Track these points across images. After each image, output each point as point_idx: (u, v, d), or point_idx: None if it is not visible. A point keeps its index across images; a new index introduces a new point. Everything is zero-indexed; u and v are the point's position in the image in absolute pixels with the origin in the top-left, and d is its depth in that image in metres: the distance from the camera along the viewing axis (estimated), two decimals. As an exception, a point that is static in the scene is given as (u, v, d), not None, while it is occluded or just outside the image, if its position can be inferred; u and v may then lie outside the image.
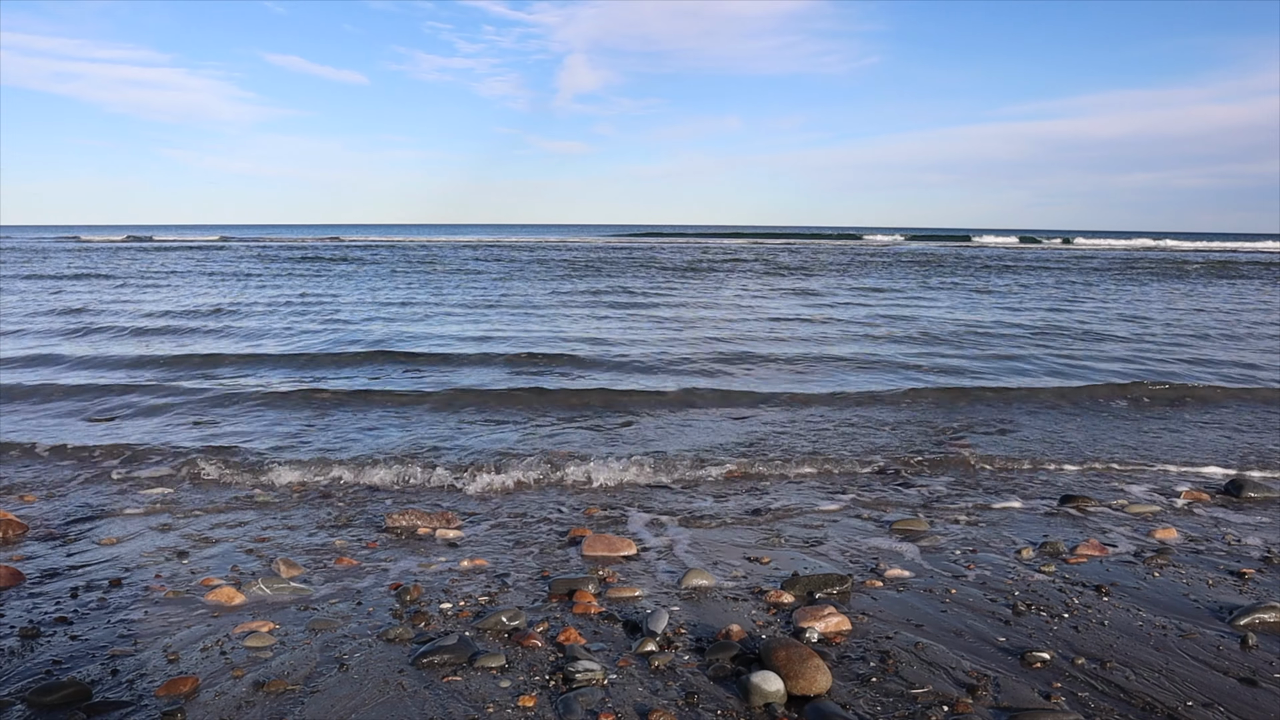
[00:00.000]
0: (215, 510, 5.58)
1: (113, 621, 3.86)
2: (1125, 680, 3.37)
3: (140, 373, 10.75)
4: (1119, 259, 47.25)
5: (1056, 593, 4.25)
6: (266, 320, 16.09)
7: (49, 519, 5.36)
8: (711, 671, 3.42)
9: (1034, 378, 10.72)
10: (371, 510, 5.59)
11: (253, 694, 3.23)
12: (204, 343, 13.28)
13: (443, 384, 9.86)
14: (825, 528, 5.26)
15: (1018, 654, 3.57)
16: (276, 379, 10.28)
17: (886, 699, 3.22)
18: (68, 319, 15.82)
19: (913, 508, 5.68)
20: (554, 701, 3.18)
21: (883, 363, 11.72)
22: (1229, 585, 4.36)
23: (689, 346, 12.96)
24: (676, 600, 4.14)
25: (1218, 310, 19.57)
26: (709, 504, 5.77)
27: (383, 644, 3.66)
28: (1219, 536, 5.11)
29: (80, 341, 13.27)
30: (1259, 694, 3.27)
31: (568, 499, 5.89)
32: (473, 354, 12.07)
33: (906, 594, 4.23)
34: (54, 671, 3.39)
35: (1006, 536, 5.10)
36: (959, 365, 11.59)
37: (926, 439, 7.64)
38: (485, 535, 5.12)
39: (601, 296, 21.44)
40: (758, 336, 14.25)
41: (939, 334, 14.62)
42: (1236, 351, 13.06)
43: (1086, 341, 14.01)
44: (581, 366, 11.28)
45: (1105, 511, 5.60)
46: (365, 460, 6.65)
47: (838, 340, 13.93)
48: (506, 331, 14.57)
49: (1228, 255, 55.18)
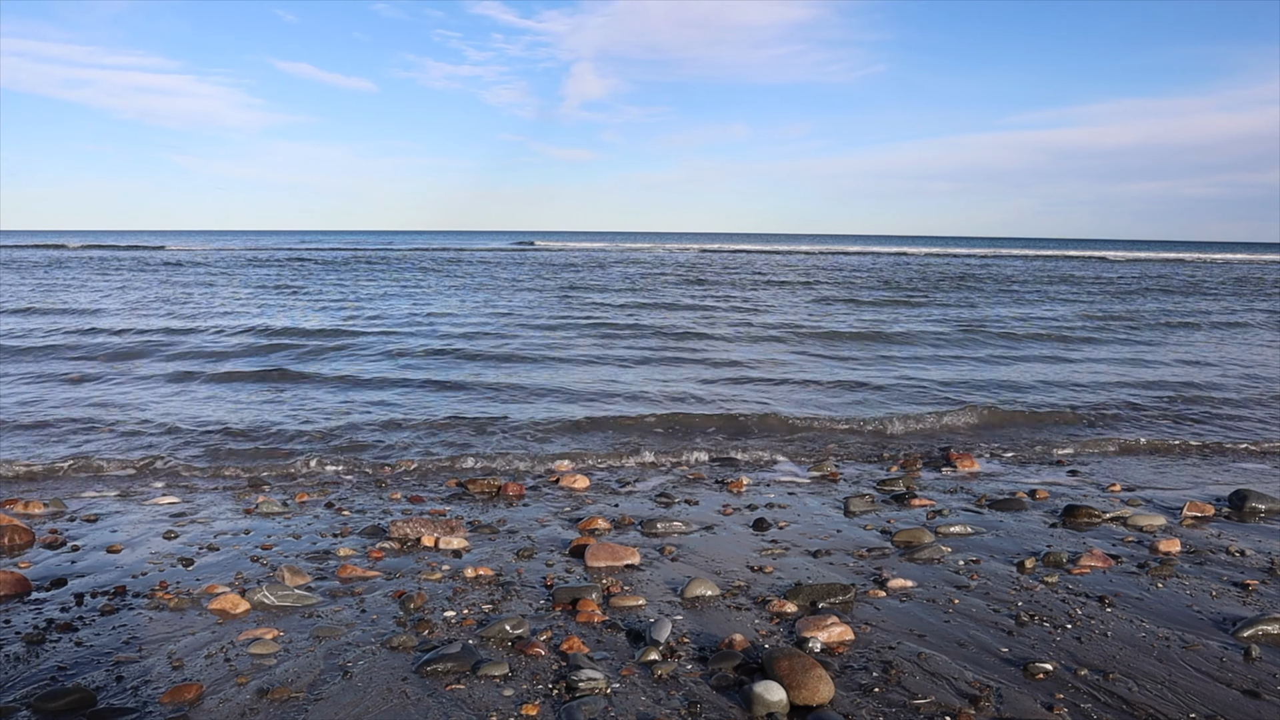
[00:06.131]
0: (221, 517, 5.60)
1: (117, 628, 3.87)
2: (1128, 691, 3.36)
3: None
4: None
5: (1059, 603, 4.24)
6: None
7: (55, 525, 5.39)
8: (714, 681, 3.42)
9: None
10: (376, 518, 5.60)
11: (257, 701, 3.25)
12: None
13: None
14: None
15: (1020, 665, 3.57)
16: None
17: (889, 709, 3.22)
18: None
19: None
20: (557, 710, 3.19)
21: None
22: (1232, 597, 4.35)
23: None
24: (680, 609, 4.15)
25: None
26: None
27: (386, 652, 3.67)
28: (1223, 548, 5.10)
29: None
30: (1262, 706, 3.26)
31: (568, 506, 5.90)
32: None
33: (910, 604, 4.23)
34: (59, 678, 3.41)
35: (1008, 548, 5.10)
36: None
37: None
38: (490, 544, 5.13)
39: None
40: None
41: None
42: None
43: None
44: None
45: (1108, 524, 5.60)
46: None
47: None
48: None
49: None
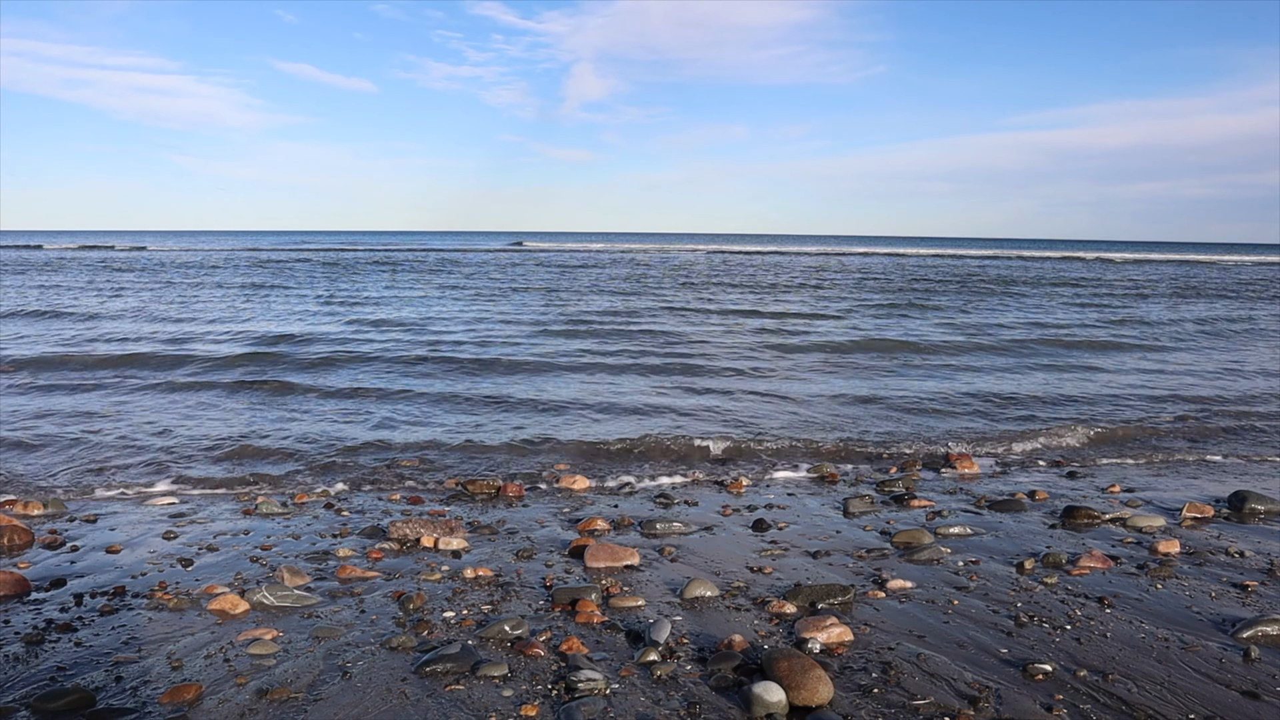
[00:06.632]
0: (220, 518, 5.60)
1: (116, 628, 3.87)
2: (1127, 692, 3.36)
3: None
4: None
5: (1059, 604, 4.24)
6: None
7: (55, 526, 5.39)
8: (714, 681, 3.42)
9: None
10: (376, 519, 5.60)
11: (256, 701, 3.24)
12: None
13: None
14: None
15: (1020, 666, 3.57)
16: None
17: (888, 710, 3.22)
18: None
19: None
20: (556, 711, 3.19)
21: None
22: (1232, 598, 4.35)
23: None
24: (679, 610, 4.15)
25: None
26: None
27: (386, 652, 3.67)
28: (1222, 549, 5.10)
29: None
30: (1261, 707, 3.26)
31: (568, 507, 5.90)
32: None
33: (909, 605, 4.23)
34: (58, 678, 3.41)
35: (1007, 549, 5.10)
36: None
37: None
38: (489, 544, 5.13)
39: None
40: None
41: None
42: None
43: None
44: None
45: (1107, 525, 5.60)
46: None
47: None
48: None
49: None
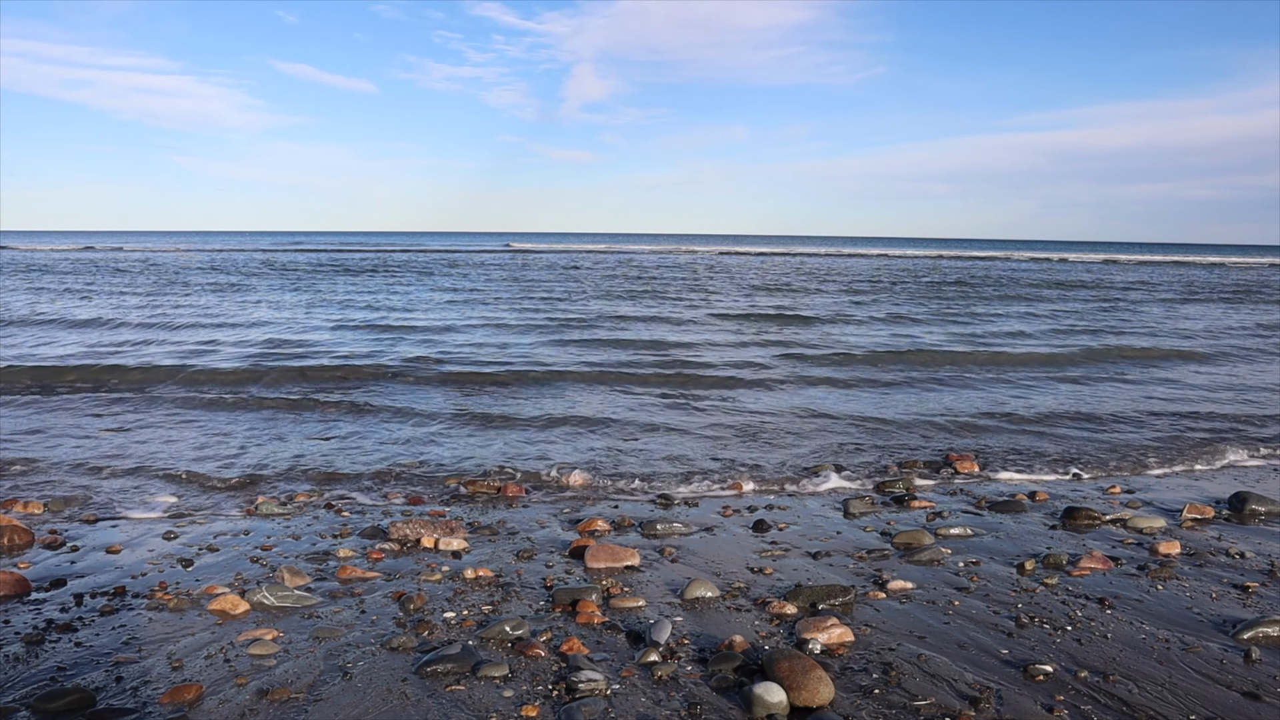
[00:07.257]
0: (219, 517, 5.59)
1: (117, 628, 3.87)
2: (1128, 693, 3.36)
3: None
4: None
5: (1059, 605, 4.24)
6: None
7: (55, 526, 5.38)
8: (714, 682, 3.42)
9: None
10: (376, 519, 5.59)
11: (256, 702, 3.24)
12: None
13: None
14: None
15: (1020, 666, 3.57)
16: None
17: (889, 710, 3.22)
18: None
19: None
20: (557, 711, 3.19)
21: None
22: (1232, 599, 4.35)
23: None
24: (679, 610, 4.14)
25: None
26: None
27: (386, 652, 3.66)
28: (1222, 550, 5.10)
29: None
30: (1262, 708, 3.26)
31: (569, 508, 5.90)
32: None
33: (909, 605, 4.23)
34: (58, 678, 3.40)
35: (1008, 550, 5.10)
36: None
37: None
38: (490, 545, 5.13)
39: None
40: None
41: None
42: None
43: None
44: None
45: (1109, 526, 5.60)
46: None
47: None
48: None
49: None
